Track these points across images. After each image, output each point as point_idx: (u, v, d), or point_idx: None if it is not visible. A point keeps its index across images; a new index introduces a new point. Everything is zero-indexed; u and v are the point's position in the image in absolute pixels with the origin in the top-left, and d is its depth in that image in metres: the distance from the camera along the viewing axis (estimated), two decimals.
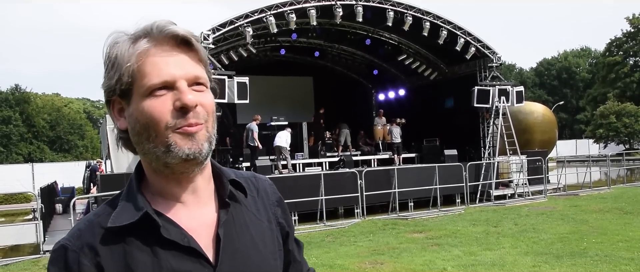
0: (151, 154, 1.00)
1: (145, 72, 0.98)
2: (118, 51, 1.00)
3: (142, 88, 0.98)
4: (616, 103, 46.20)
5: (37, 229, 11.59)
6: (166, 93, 0.98)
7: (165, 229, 0.99)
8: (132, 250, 0.98)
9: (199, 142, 1.00)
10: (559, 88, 72.29)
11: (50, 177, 23.01)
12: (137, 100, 0.99)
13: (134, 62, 0.98)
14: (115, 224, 0.98)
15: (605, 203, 14.44)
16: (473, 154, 18.60)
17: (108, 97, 1.03)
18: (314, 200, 13.38)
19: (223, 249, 1.03)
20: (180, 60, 1.00)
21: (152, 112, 0.98)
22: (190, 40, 1.01)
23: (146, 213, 0.98)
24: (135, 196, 1.02)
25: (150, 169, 1.05)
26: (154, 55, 0.99)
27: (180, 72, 0.99)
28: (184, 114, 0.98)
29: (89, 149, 61.32)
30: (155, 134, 0.98)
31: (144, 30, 1.00)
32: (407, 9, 16.42)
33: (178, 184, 1.04)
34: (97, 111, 78.42)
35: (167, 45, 1.00)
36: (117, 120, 1.04)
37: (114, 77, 1.00)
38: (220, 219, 1.06)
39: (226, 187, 1.10)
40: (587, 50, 76.51)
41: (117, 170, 14.59)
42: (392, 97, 23.91)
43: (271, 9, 14.97)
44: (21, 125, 54.43)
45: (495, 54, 17.85)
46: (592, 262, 7.60)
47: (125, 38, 1.01)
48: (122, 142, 1.07)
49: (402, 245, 9.86)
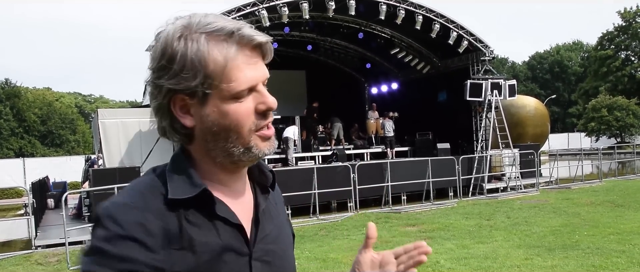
0: (225, 151, 1.03)
1: (233, 76, 1.00)
2: (197, 49, 0.99)
3: (228, 92, 1.00)
4: (608, 97, 46.42)
5: (28, 224, 11.55)
6: (247, 96, 1.02)
7: (219, 207, 1.03)
8: (185, 222, 0.99)
9: (274, 142, 1.08)
10: (551, 82, 72.60)
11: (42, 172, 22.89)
12: (219, 103, 1.01)
13: (225, 69, 0.99)
14: (175, 196, 0.99)
15: (597, 196, 14.54)
16: (466, 148, 18.64)
17: (171, 93, 1.01)
18: (307, 194, 13.37)
19: (260, 233, 1.09)
20: (260, 64, 1.06)
21: (238, 116, 1.01)
22: (266, 45, 1.06)
23: (204, 189, 1.01)
24: (189, 173, 1.04)
25: (208, 159, 1.06)
26: (240, 61, 1.01)
27: (260, 75, 1.05)
28: (264, 116, 1.04)
29: (81, 144, 61.04)
30: (236, 136, 1.02)
31: (226, 32, 1.00)
32: (400, 3, 16.40)
33: (230, 173, 1.08)
34: (88, 105, 78.03)
35: (248, 49, 1.03)
36: (181, 117, 1.02)
37: (195, 79, 0.99)
38: (260, 204, 1.12)
39: (268, 176, 1.17)
40: (579, 44, 76.83)
41: (109, 164, 14.52)
42: (385, 90, 23.91)
43: (263, 3, 14.91)
44: (12, 119, 54.05)
45: (487, 47, 17.87)
46: (584, 255, 7.65)
47: (200, 34, 0.99)
48: (179, 137, 1.06)
49: (395, 238, 9.89)
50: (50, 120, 58.37)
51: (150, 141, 14.75)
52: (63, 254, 9.83)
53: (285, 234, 1.20)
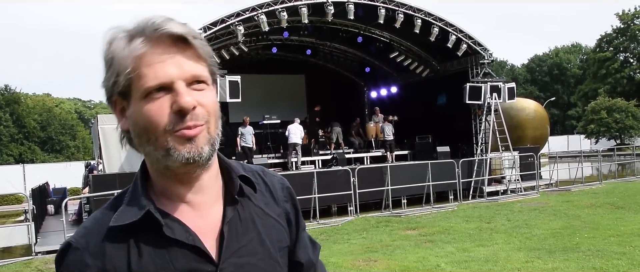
0: (152, 156, 0.99)
1: (142, 74, 0.95)
2: (114, 51, 0.96)
3: (139, 91, 0.95)
4: (607, 99, 46.43)
5: (29, 230, 11.52)
6: (163, 95, 0.95)
7: (169, 228, 0.97)
8: (136, 249, 0.96)
9: (199, 146, 0.97)
10: (551, 84, 72.64)
11: (42, 178, 22.85)
12: (135, 102, 0.97)
13: (130, 63, 0.95)
14: (118, 223, 0.97)
15: (597, 198, 14.52)
16: (465, 151, 18.64)
17: (109, 96, 1.01)
18: (307, 198, 13.34)
19: (226, 247, 1.01)
20: (178, 59, 0.96)
21: (150, 115, 0.95)
22: (186, 37, 0.97)
23: (148, 211, 0.97)
24: (139, 195, 1.01)
25: (152, 169, 1.03)
26: (149, 56, 0.95)
27: (177, 72, 0.95)
28: (182, 116, 0.95)
29: (81, 150, 60.94)
30: (154, 137, 0.96)
31: (138, 29, 0.96)
32: (399, 7, 16.43)
33: (182, 184, 1.02)
34: (88, 111, 78.01)
35: (162, 44, 0.96)
36: (119, 120, 1.03)
37: (111, 79, 0.97)
38: (226, 216, 1.05)
39: (235, 183, 1.07)
40: (578, 47, 76.92)
41: (109, 170, 14.50)
42: (384, 94, 23.91)
43: (263, 7, 14.93)
44: (11, 126, 53.97)
45: (486, 50, 17.90)
46: (585, 257, 7.64)
47: (122, 36, 0.97)
48: (125, 141, 1.04)
49: (395, 242, 9.88)
50: (50, 126, 58.28)
51: None
52: None
53: (275, 238, 1.11)
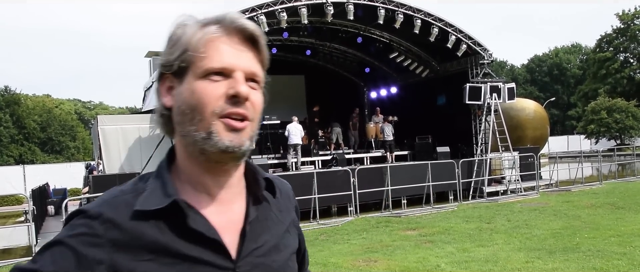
0: (190, 137, 1.00)
1: (208, 54, 0.99)
2: (185, 31, 1.01)
3: (199, 69, 0.99)
4: (607, 99, 46.42)
5: (29, 231, 11.52)
6: (221, 80, 0.99)
7: (193, 219, 0.99)
8: (154, 235, 0.97)
9: (242, 137, 1.00)
10: (550, 84, 72.64)
11: (42, 179, 22.87)
12: (191, 80, 1.00)
13: (200, 44, 1.00)
14: (144, 207, 0.97)
15: (597, 198, 14.53)
16: (465, 151, 18.64)
17: (162, 71, 1.04)
18: (307, 198, 13.34)
19: (246, 246, 1.03)
20: (244, 53, 1.02)
21: (204, 94, 0.98)
22: (258, 38, 1.04)
23: (175, 201, 0.98)
24: (165, 181, 1.02)
25: (185, 153, 1.04)
26: (220, 42, 1.01)
27: (241, 63, 1.01)
28: (234, 103, 0.99)
29: (81, 151, 60.94)
30: (200, 117, 0.98)
31: (215, 19, 1.02)
32: (398, 7, 16.43)
33: (211, 175, 1.04)
34: (88, 112, 78.04)
35: (235, 37, 1.02)
36: (164, 96, 1.04)
37: (175, 53, 1.01)
38: (249, 215, 1.06)
39: (261, 185, 1.10)
40: (578, 47, 76.93)
41: (109, 171, 14.51)
42: (384, 94, 23.92)
43: (262, 8, 14.93)
44: (11, 126, 53.99)
45: (486, 51, 17.90)
46: (585, 258, 7.64)
47: (195, 21, 1.03)
48: (161, 120, 1.06)
49: (395, 242, 9.88)
50: (50, 127, 58.29)
51: (150, 146, 14.75)
52: None
53: (287, 243, 1.14)
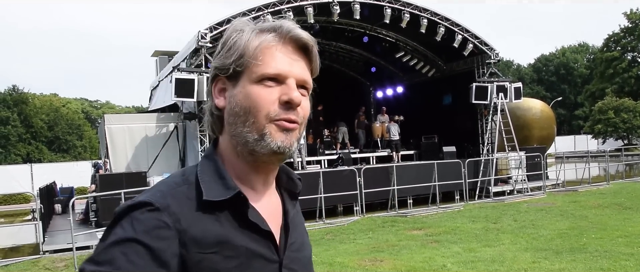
0: (242, 137, 1.04)
1: (264, 61, 1.04)
2: (241, 36, 1.06)
3: (254, 74, 1.04)
4: (614, 98, 46.21)
5: (36, 229, 11.58)
6: (275, 86, 1.04)
7: (251, 212, 1.04)
8: (217, 226, 1.00)
9: (292, 139, 1.05)
10: (557, 84, 72.32)
11: (49, 178, 22.95)
12: (246, 83, 1.04)
13: (258, 51, 1.04)
14: (210, 197, 1.00)
15: (604, 199, 14.46)
16: (472, 151, 18.59)
17: (216, 73, 1.09)
18: (313, 198, 13.36)
19: (288, 240, 1.11)
20: (296, 62, 1.07)
21: (259, 98, 1.03)
22: (311, 48, 1.09)
23: (239, 193, 1.02)
24: (222, 174, 1.05)
25: (233, 152, 1.08)
26: (275, 50, 1.05)
27: (294, 71, 1.06)
28: (287, 109, 1.04)
29: (88, 149, 61.24)
30: (253, 120, 1.03)
31: (271, 27, 1.07)
32: (405, 6, 16.39)
33: (256, 173, 1.09)
34: (95, 111, 78.33)
35: (290, 45, 1.07)
36: (216, 97, 1.09)
37: (231, 57, 1.06)
38: (288, 212, 1.14)
39: (297, 184, 1.19)
40: (585, 46, 76.54)
41: (115, 169, 14.56)
42: (390, 94, 23.89)
43: (268, 7, 14.93)
44: (19, 125, 54.31)
45: (493, 50, 17.84)
46: (592, 258, 7.61)
47: (251, 28, 1.08)
48: (211, 119, 1.11)
49: (401, 242, 9.87)
50: (57, 126, 58.59)
51: (157, 145, 14.80)
52: (70, 259, 9.85)
53: (307, 242, 1.21)
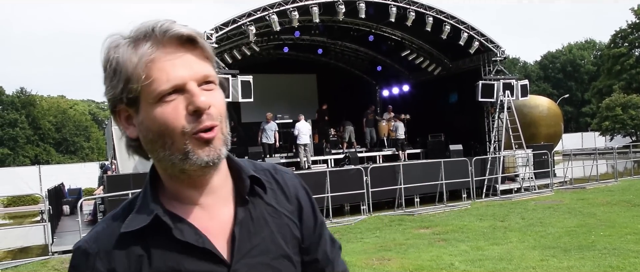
0: (167, 161, 0.97)
1: (153, 78, 0.93)
2: (119, 57, 0.95)
3: (150, 95, 0.93)
4: (622, 95, 45.92)
5: (45, 230, 11.64)
6: (177, 97, 0.94)
7: (179, 231, 0.97)
8: (146, 254, 0.97)
9: (217, 148, 0.97)
10: (564, 81, 71.95)
11: (57, 179, 23.11)
12: (147, 107, 0.95)
13: (142, 70, 0.93)
14: (129, 229, 0.97)
15: (613, 196, 14.38)
16: (478, 149, 18.53)
17: (113, 106, 0.99)
18: (320, 197, 13.34)
19: (237, 248, 1.01)
20: (187, 60, 0.95)
21: (166, 119, 0.93)
22: (195, 38, 0.96)
23: (156, 216, 0.96)
24: (148, 200, 1.00)
25: (165, 174, 1.02)
26: (159, 59, 0.93)
27: (189, 73, 0.94)
28: (198, 117, 0.94)
29: (95, 151, 61.55)
30: (171, 141, 0.95)
31: (144, 32, 0.95)
32: (410, 5, 16.36)
33: (194, 187, 1.02)
34: (102, 113, 78.57)
35: (171, 46, 0.95)
36: (126, 129, 1.00)
37: (119, 86, 0.95)
38: (237, 217, 1.04)
39: (245, 183, 1.06)
40: (592, 43, 76.08)
41: (123, 170, 14.61)
42: (396, 93, 23.82)
43: (274, 7, 14.95)
44: (27, 127, 54.66)
45: (499, 48, 17.78)
46: (601, 256, 7.56)
47: (125, 41, 0.95)
48: (132, 150, 1.03)
49: (408, 241, 9.85)
50: (64, 127, 58.93)
51: None
52: None
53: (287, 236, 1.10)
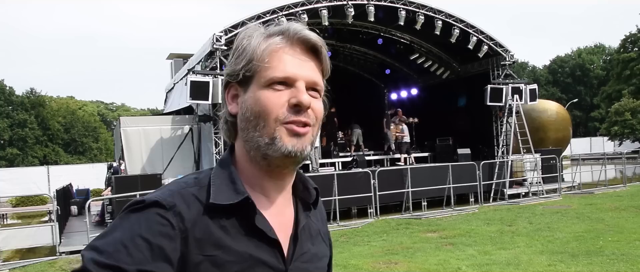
0: (253, 142, 1.05)
1: (272, 65, 1.04)
2: (250, 42, 1.07)
3: (263, 78, 1.04)
4: (631, 100, 45.62)
5: (53, 230, 11.68)
6: (284, 89, 1.04)
7: (258, 218, 1.03)
8: (221, 230, 1.00)
9: (304, 143, 1.05)
10: (573, 86, 71.62)
11: (66, 180, 23.21)
12: (256, 89, 1.05)
13: (266, 54, 1.05)
14: (217, 201, 1.01)
15: (621, 201, 14.30)
16: (486, 153, 18.47)
17: (228, 80, 1.10)
18: (328, 200, 13.32)
19: (297, 250, 1.09)
20: (306, 63, 1.07)
21: (268, 102, 1.03)
22: (319, 48, 1.09)
23: (247, 198, 1.02)
24: (234, 178, 1.06)
25: (246, 157, 1.08)
26: (283, 52, 1.06)
27: (302, 73, 1.06)
28: (296, 112, 1.04)
29: (103, 152, 61.85)
30: (264, 124, 1.03)
31: (279, 30, 1.07)
32: (419, 8, 16.34)
33: (270, 179, 1.09)
34: (110, 114, 79.02)
35: (298, 47, 1.07)
36: (229, 104, 1.10)
37: (241, 63, 1.06)
38: (300, 221, 1.12)
39: (312, 193, 1.17)
40: (601, 47, 75.73)
41: (131, 171, 14.67)
42: (404, 96, 23.79)
43: (283, 10, 14.99)
44: (36, 128, 55.01)
45: (508, 52, 17.72)
46: (609, 261, 7.52)
47: (260, 33, 1.08)
48: (226, 126, 1.12)
49: (416, 245, 9.83)
50: (73, 128, 59.27)
51: (172, 148, 14.89)
52: None
53: (322, 253, 1.19)
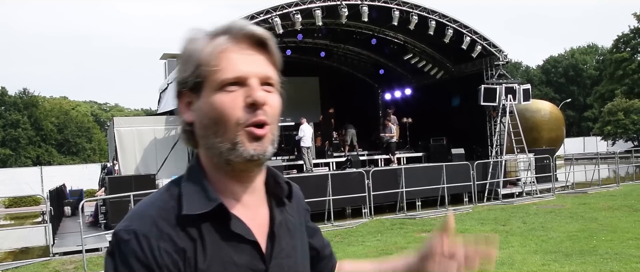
0: (215, 149, 1.02)
1: (220, 66, 1.01)
2: (194, 47, 1.03)
3: (214, 82, 1.01)
4: (624, 100, 45.92)
5: (46, 231, 11.66)
6: (237, 89, 1.01)
7: (234, 223, 1.02)
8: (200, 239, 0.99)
9: (265, 145, 1.03)
10: (566, 85, 71.95)
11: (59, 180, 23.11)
12: (208, 94, 1.01)
13: (212, 57, 1.01)
14: (190, 212, 0.99)
15: (615, 201, 14.36)
16: (480, 153, 18.52)
17: (179, 89, 1.06)
18: (322, 200, 13.35)
19: (275, 248, 1.08)
20: (255, 59, 1.04)
21: (223, 106, 1.00)
22: (267, 41, 1.06)
23: (220, 204, 1.00)
24: (204, 186, 1.03)
25: (211, 164, 1.06)
26: (230, 52, 1.02)
27: (253, 69, 1.03)
28: (253, 110, 1.01)
29: (97, 152, 61.60)
30: (224, 129, 1.00)
31: (222, 28, 1.04)
32: (413, 8, 16.37)
33: (238, 182, 1.07)
34: (104, 114, 78.75)
35: (244, 44, 1.04)
36: (184, 113, 1.07)
37: (189, 70, 1.03)
38: (275, 219, 1.10)
39: (284, 188, 1.15)
40: (594, 47, 76.11)
41: (124, 172, 14.62)
42: (398, 96, 23.80)
43: (276, 10, 14.97)
44: (29, 128, 54.76)
45: (501, 52, 17.78)
46: (602, 261, 7.55)
47: (203, 34, 1.04)
48: (185, 135, 1.09)
49: (410, 244, 9.84)
50: (66, 128, 59.03)
51: (165, 148, 14.86)
52: (80, 261, 9.90)
53: (302, 247, 1.18)
